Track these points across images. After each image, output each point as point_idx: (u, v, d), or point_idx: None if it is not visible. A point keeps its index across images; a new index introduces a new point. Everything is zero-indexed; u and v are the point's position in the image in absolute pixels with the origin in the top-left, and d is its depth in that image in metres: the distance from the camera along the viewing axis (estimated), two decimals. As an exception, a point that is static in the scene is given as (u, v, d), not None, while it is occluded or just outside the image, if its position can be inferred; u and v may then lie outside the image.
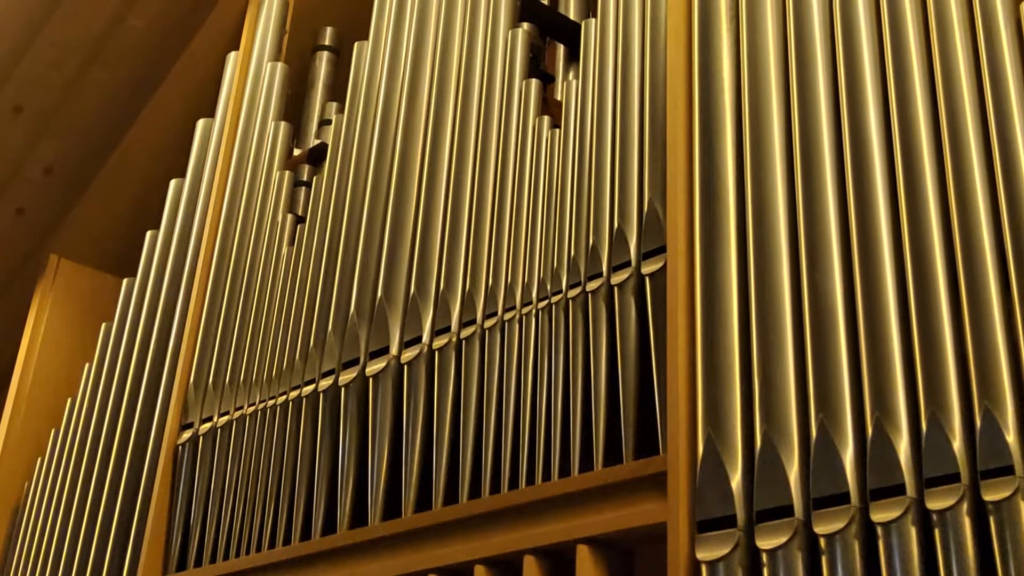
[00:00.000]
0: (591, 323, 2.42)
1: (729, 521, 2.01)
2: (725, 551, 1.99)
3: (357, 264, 3.04)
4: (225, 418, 3.29)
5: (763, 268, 2.16)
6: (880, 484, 1.88)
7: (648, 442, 2.27)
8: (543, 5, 3.32)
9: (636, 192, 2.49)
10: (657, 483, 2.16)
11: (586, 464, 2.35)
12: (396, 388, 2.79)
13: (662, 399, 2.24)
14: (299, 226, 3.44)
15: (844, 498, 1.90)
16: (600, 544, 2.27)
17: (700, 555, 2.01)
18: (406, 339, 2.82)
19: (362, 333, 2.93)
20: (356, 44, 3.52)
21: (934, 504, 1.81)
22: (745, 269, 2.21)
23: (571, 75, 3.25)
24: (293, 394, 3.05)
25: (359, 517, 2.76)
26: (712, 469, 2.06)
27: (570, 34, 3.30)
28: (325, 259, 3.18)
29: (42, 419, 4.45)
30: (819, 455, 1.95)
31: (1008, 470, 1.77)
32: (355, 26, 4.11)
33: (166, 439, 3.48)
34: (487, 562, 2.43)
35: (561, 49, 3.34)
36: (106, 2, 4.16)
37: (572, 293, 2.49)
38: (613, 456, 2.31)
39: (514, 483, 2.47)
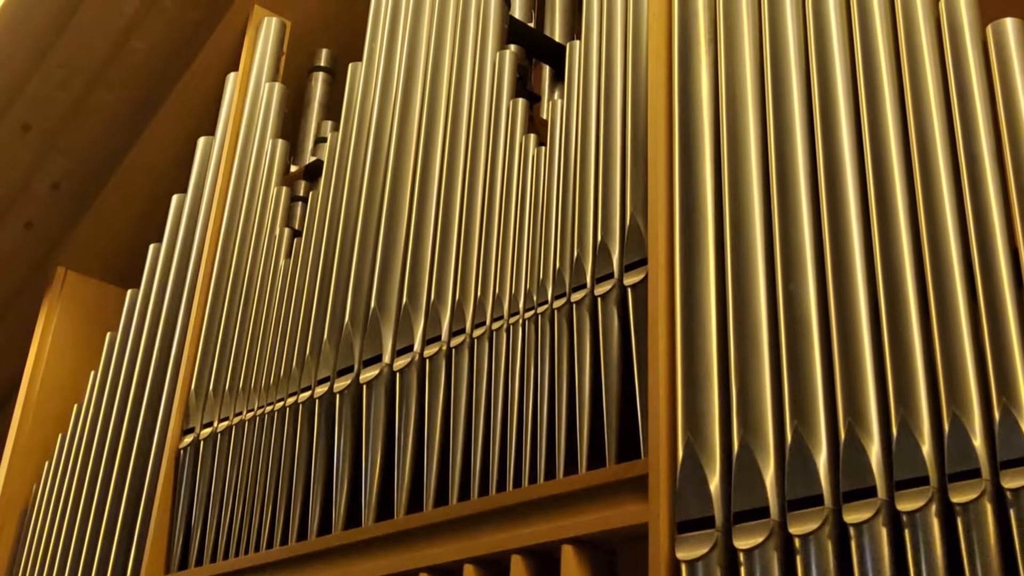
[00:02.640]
0: (575, 332, 2.42)
1: (708, 522, 2.01)
2: (704, 551, 1.98)
3: (351, 276, 3.03)
4: (225, 423, 3.28)
5: (740, 279, 2.16)
6: (852, 487, 1.88)
7: (630, 446, 2.27)
8: (529, 28, 3.32)
9: (619, 207, 2.48)
10: (639, 485, 2.16)
11: (571, 467, 2.34)
12: (389, 394, 2.78)
13: (643, 405, 2.24)
14: (296, 240, 3.43)
15: (818, 500, 1.90)
16: (584, 544, 2.26)
17: (680, 555, 2.01)
18: (398, 347, 2.81)
19: (356, 342, 2.92)
20: (351, 65, 3.51)
21: (904, 506, 1.81)
22: (723, 280, 2.21)
23: (556, 95, 3.25)
24: (290, 400, 3.04)
25: (353, 518, 2.75)
26: (691, 472, 2.05)
27: (555, 56, 3.29)
28: (321, 271, 3.17)
29: (50, 425, 4.43)
30: (794, 459, 1.95)
31: (975, 473, 1.77)
32: (350, 48, 4.09)
33: (168, 444, 3.46)
34: (476, 561, 2.42)
35: (547, 70, 3.34)
36: (110, 26, 4.15)
37: (557, 303, 2.48)
38: (596, 459, 2.30)
39: (502, 485, 2.46)
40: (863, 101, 2.18)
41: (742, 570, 1.94)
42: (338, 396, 2.86)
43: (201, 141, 4.20)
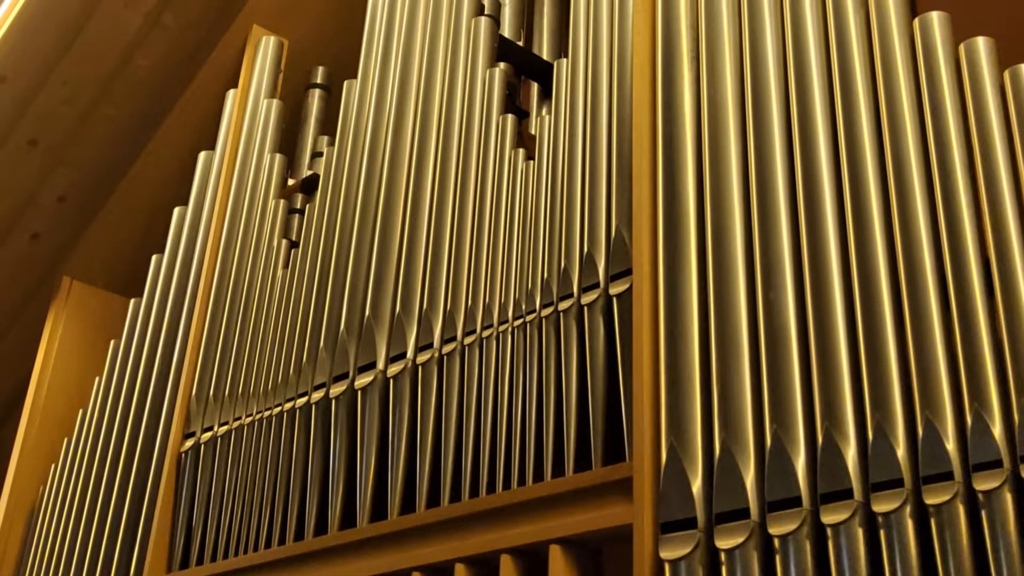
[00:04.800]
0: (562, 340, 2.41)
1: (690, 523, 2.00)
2: (686, 551, 1.97)
3: (346, 285, 3.02)
4: (225, 428, 3.27)
5: (721, 289, 2.15)
6: (829, 489, 1.87)
7: (615, 450, 2.26)
8: (518, 46, 3.31)
9: (604, 219, 2.48)
10: (624, 488, 2.15)
11: (558, 470, 2.33)
12: (383, 400, 2.77)
13: (628, 410, 2.23)
14: (293, 250, 3.42)
15: (796, 502, 1.90)
16: (571, 544, 2.25)
17: (663, 554, 2.00)
18: (392, 355, 2.80)
19: (351, 349, 2.91)
20: (346, 82, 3.51)
21: (879, 507, 1.81)
22: (705, 290, 2.20)
23: (544, 111, 3.25)
24: (287, 405, 3.03)
25: (348, 519, 2.74)
26: (674, 474, 2.04)
27: (543, 73, 3.29)
28: (317, 281, 3.16)
29: (56, 429, 4.41)
30: (773, 462, 1.94)
31: (948, 476, 1.77)
32: (345, 66, 4.10)
33: (170, 447, 3.45)
34: (466, 561, 2.41)
35: (535, 87, 3.34)
36: (115, 44, 4.14)
37: (545, 312, 2.48)
38: (583, 462, 2.30)
39: (491, 487, 2.45)
40: (840, 116, 2.18)
41: (723, 569, 1.93)
42: (334, 401, 2.85)
43: (202, 155, 4.19)
